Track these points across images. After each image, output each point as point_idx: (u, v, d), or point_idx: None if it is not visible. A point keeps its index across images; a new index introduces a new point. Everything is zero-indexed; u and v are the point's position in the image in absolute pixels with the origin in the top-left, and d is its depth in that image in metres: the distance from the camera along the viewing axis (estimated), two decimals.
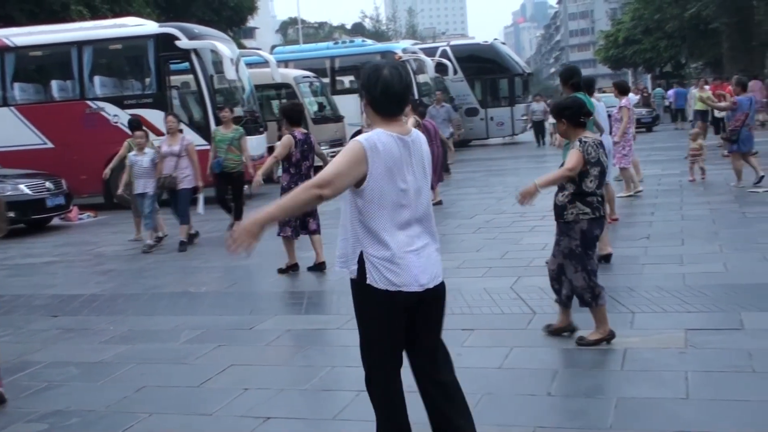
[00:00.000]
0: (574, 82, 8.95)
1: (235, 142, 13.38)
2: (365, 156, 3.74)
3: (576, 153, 6.18)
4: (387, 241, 3.81)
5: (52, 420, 5.48)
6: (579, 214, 6.22)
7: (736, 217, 11.44)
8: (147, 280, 10.24)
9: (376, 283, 3.82)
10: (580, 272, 6.24)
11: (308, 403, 5.52)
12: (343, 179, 3.74)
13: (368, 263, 3.83)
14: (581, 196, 6.23)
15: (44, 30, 20.52)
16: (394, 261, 3.82)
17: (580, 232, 6.23)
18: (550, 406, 5.13)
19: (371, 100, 3.88)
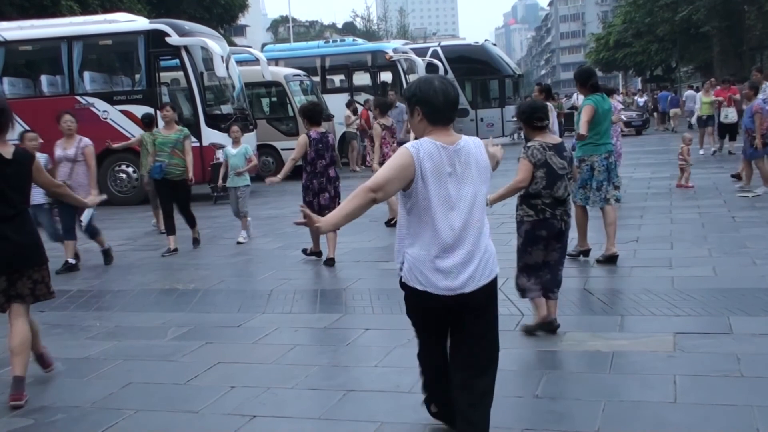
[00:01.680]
0: (593, 83, 9.28)
1: (179, 145, 11.70)
2: (412, 162, 3.98)
3: (523, 163, 6.54)
4: (426, 243, 4.04)
5: (37, 416, 5.45)
6: (524, 216, 6.61)
7: (726, 222, 11.46)
8: (135, 276, 10.20)
9: (409, 282, 4.11)
10: (518, 265, 6.73)
11: (294, 402, 5.49)
12: (393, 183, 4.00)
13: (407, 263, 4.10)
14: (527, 198, 6.59)
15: (34, 24, 20.44)
16: (425, 262, 4.04)
17: (524, 232, 6.62)
18: (538, 409, 5.12)
19: (426, 111, 4.09)
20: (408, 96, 4.17)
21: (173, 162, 11.59)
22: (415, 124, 4.16)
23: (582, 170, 9.18)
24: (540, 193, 6.50)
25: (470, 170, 4.09)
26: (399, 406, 4.88)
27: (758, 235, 10.25)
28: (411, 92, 4.16)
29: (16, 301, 5.84)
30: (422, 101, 4.10)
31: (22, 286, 5.83)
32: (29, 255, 5.87)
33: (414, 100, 4.12)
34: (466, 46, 36.60)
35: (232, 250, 11.66)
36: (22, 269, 5.82)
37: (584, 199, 9.27)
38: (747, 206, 12.72)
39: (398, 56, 28.56)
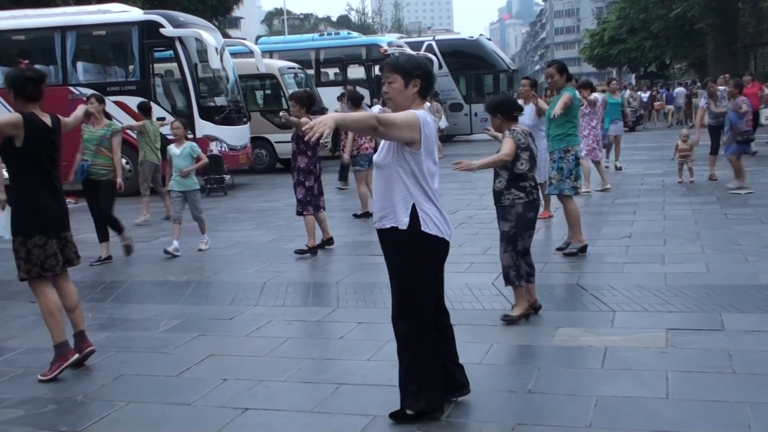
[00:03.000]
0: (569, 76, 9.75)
1: (105, 143, 10.55)
2: (419, 125, 4.49)
3: (509, 141, 6.74)
4: (433, 199, 4.65)
5: (28, 407, 5.43)
6: (515, 199, 6.80)
7: (718, 219, 11.48)
8: (128, 267, 10.18)
9: (430, 230, 4.61)
10: (509, 252, 6.85)
11: (287, 395, 5.49)
12: (396, 132, 4.46)
13: (422, 214, 4.59)
14: (515, 181, 6.78)
15: (28, 14, 20.38)
16: (440, 215, 4.68)
17: (516, 215, 6.80)
18: (530, 404, 5.12)
19: (425, 86, 4.65)
20: (411, 68, 4.61)
21: (98, 161, 10.46)
22: (407, 95, 4.62)
23: (568, 160, 9.35)
24: (526, 175, 6.79)
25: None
26: (391, 400, 4.87)
27: (751, 232, 10.27)
28: (417, 65, 4.66)
29: (66, 267, 6.25)
30: (426, 76, 4.64)
31: (68, 251, 6.23)
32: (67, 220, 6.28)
33: (418, 72, 4.61)
34: (461, 41, 36.61)
35: (224, 243, 11.64)
36: (67, 234, 6.23)
37: (572, 189, 9.39)
38: (740, 203, 12.74)
39: (393, 50, 28.49)
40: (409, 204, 4.58)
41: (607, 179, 15.29)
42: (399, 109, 4.60)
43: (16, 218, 6.02)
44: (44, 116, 6.13)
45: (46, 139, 6.04)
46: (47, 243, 5.98)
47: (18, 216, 6.01)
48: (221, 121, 18.98)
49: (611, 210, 12.84)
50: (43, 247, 5.96)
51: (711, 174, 15.76)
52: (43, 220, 5.98)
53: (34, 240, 5.93)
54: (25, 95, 6.09)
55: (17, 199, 6.05)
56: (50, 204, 6.02)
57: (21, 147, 5.90)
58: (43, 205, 5.98)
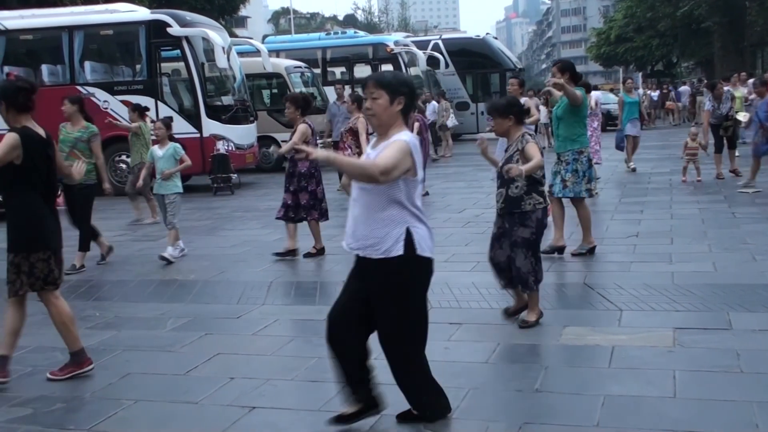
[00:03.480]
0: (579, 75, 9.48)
1: (80, 145, 10.17)
2: (411, 152, 4.38)
3: (535, 146, 6.63)
4: (423, 219, 4.53)
5: (36, 405, 5.45)
6: (536, 204, 6.66)
7: (726, 217, 11.46)
8: (134, 266, 10.19)
9: (424, 252, 4.47)
10: (529, 258, 6.65)
11: (294, 394, 5.50)
12: (396, 172, 4.31)
13: (417, 236, 4.44)
14: (534, 186, 6.67)
15: (35, 14, 20.41)
16: (429, 234, 4.54)
17: (536, 221, 6.67)
18: (537, 403, 5.12)
19: (408, 104, 4.52)
20: (397, 85, 4.48)
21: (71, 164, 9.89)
22: (392, 112, 4.47)
23: (582, 162, 9.20)
24: (542, 180, 6.79)
25: None
26: (398, 399, 4.87)
27: (758, 231, 10.25)
28: (403, 82, 4.56)
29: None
30: (411, 94, 4.54)
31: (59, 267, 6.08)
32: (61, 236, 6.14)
33: (404, 90, 4.49)
34: (468, 40, 36.59)
35: (231, 242, 11.66)
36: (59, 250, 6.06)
37: (586, 192, 9.33)
38: (747, 202, 12.72)
39: (399, 49, 28.54)
40: (402, 228, 4.41)
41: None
42: (381, 127, 4.48)
43: (17, 233, 5.88)
44: (38, 128, 5.95)
45: (43, 153, 5.90)
46: (50, 257, 5.89)
47: (20, 231, 5.87)
48: (228, 120, 19.00)
49: (618, 209, 12.83)
50: (47, 261, 5.87)
51: (718, 173, 15.71)
52: (47, 234, 5.90)
53: (38, 254, 5.84)
54: (17, 106, 5.89)
55: (18, 214, 5.89)
56: (50, 218, 5.95)
57: (20, 164, 5.76)
58: (44, 219, 5.89)
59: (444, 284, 8.12)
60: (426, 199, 15.06)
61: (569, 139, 9.20)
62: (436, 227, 11.64)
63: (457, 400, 5.11)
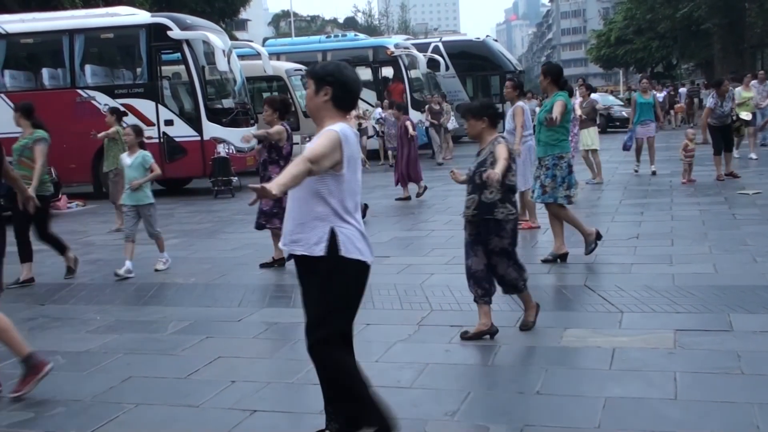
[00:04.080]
0: (564, 81, 9.31)
1: (26, 152, 9.57)
2: (340, 143, 4.16)
3: (504, 147, 6.42)
4: (351, 221, 4.29)
5: (37, 409, 5.45)
6: (508, 214, 6.44)
7: (726, 219, 11.46)
8: (135, 270, 10.17)
9: (350, 254, 4.24)
10: (512, 266, 6.53)
11: (295, 397, 5.50)
12: (326, 160, 4.12)
13: (341, 237, 4.22)
14: (507, 194, 6.46)
15: (36, 17, 20.46)
16: (361, 237, 4.32)
17: (511, 231, 6.48)
18: (538, 405, 5.12)
19: (337, 94, 4.26)
20: (323, 74, 4.27)
21: (21, 173, 8.68)
22: (317, 102, 4.27)
23: (561, 167, 9.07)
24: (514, 188, 6.59)
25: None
26: (399, 402, 4.88)
27: (759, 232, 10.25)
28: (328, 71, 4.28)
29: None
30: (338, 83, 4.25)
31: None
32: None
33: (330, 79, 4.24)
34: (468, 42, 36.62)
35: (232, 245, 11.66)
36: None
37: (565, 198, 9.12)
38: (748, 204, 12.71)
39: (399, 52, 28.55)
40: (326, 227, 4.22)
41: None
42: (314, 118, 4.36)
43: None
44: None
45: None
46: None
47: None
48: (228, 123, 19.02)
49: (619, 210, 12.83)
50: None
51: (719, 175, 15.70)
52: None
53: None
54: None
55: None
56: None
57: None
58: None
59: (445, 287, 8.14)
60: (427, 201, 15.10)
61: (549, 144, 9.10)
62: (436, 230, 11.70)
63: (457, 403, 5.12)
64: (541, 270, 8.87)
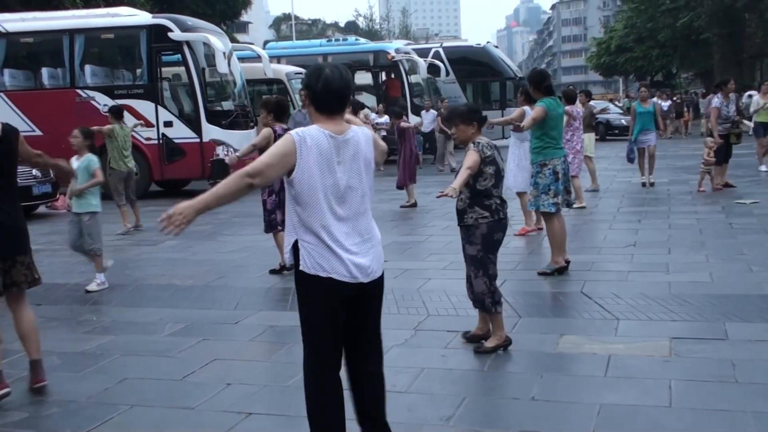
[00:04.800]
0: (547, 86, 9.12)
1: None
2: (295, 148, 3.93)
3: (473, 153, 6.18)
4: (318, 231, 3.99)
5: (32, 409, 5.45)
6: (478, 218, 6.23)
7: (723, 228, 11.47)
8: (132, 271, 10.20)
9: (308, 269, 4.00)
10: (480, 277, 6.27)
11: (290, 400, 5.49)
12: (273, 169, 3.96)
13: (302, 250, 4.01)
14: (478, 198, 6.22)
15: (37, 17, 20.47)
16: (323, 249, 3.99)
17: (481, 237, 6.25)
18: (534, 411, 5.12)
19: (312, 97, 4.07)
20: (305, 81, 4.14)
21: None
22: (310, 111, 4.12)
23: (544, 175, 8.95)
24: (491, 191, 6.25)
25: (358, 162, 4.11)
26: (395, 406, 4.88)
27: (755, 241, 10.27)
28: (306, 75, 4.15)
29: (13, 290, 5.78)
30: (307, 86, 4.08)
31: (17, 273, 5.75)
32: (23, 241, 5.81)
33: (306, 82, 4.11)
34: (468, 48, 36.67)
35: (230, 247, 11.67)
36: (15, 256, 5.73)
37: (551, 205, 8.95)
38: (745, 213, 12.73)
39: (400, 56, 28.57)
40: (292, 238, 4.07)
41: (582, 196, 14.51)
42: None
43: None
44: None
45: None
46: None
47: None
48: (228, 126, 19.02)
49: (616, 218, 12.84)
50: None
51: (717, 183, 15.71)
52: None
53: None
54: None
55: None
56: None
57: None
58: None
59: (442, 291, 8.15)
60: (425, 206, 15.10)
61: (535, 151, 9.10)
62: (434, 234, 11.71)
63: (453, 408, 5.12)
64: (538, 276, 8.87)
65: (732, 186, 15.66)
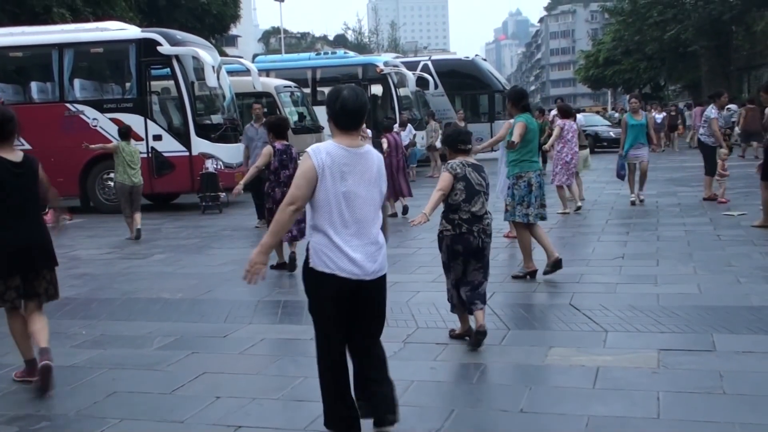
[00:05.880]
0: (524, 105, 9.67)
1: None
2: (313, 166, 4.43)
3: (444, 174, 6.82)
4: (328, 233, 4.47)
5: (21, 423, 5.43)
6: (443, 230, 6.84)
7: (711, 240, 11.53)
8: (122, 284, 10.18)
9: (316, 266, 4.50)
10: (448, 281, 6.98)
11: (280, 413, 5.51)
12: (306, 191, 4.46)
13: (312, 249, 4.52)
14: (447, 212, 6.82)
15: (25, 31, 20.42)
16: (331, 249, 4.47)
17: (446, 247, 6.84)
18: (522, 423, 5.14)
19: (331, 115, 4.58)
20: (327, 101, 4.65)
21: None
22: (330, 128, 4.63)
23: (519, 187, 9.36)
24: (459, 206, 6.73)
25: (370, 173, 4.59)
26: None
27: (743, 253, 10.32)
28: (326, 99, 4.68)
29: (33, 299, 6.18)
30: (328, 105, 4.60)
31: (38, 285, 6.16)
32: (46, 256, 6.22)
33: (326, 103, 4.66)
34: (457, 61, 36.74)
35: (219, 260, 11.66)
36: (39, 269, 6.17)
37: (524, 216, 9.33)
38: (732, 225, 12.79)
39: (389, 69, 28.63)
40: (309, 239, 4.59)
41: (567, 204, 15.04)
42: None
43: None
44: (11, 153, 6.01)
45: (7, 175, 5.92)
46: (7, 278, 5.99)
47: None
48: (217, 139, 19.02)
49: (605, 230, 12.89)
50: (4, 280, 5.99)
51: (710, 195, 15.75)
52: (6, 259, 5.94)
53: None
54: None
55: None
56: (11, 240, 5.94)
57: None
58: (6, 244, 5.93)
59: (431, 304, 8.16)
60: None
61: (511, 164, 9.54)
62: (424, 247, 11.73)
63: (441, 420, 5.13)
64: (527, 288, 8.92)
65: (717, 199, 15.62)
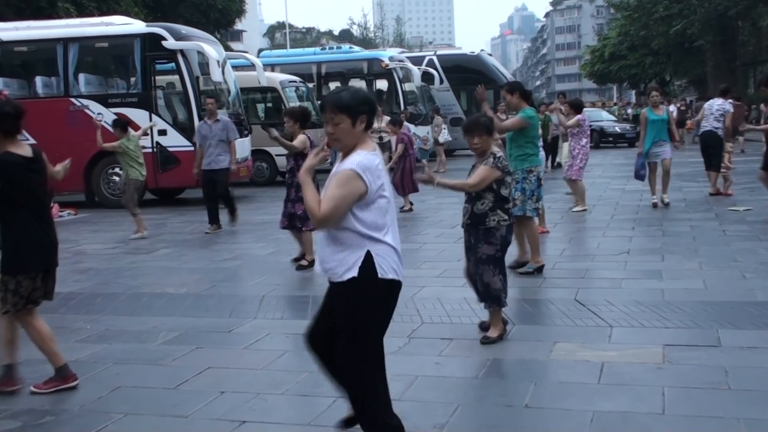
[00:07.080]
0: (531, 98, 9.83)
1: None
2: (360, 176, 4.14)
3: (489, 170, 6.68)
4: (388, 241, 4.28)
5: (25, 418, 5.44)
6: (500, 221, 6.72)
7: (717, 235, 11.50)
8: (126, 279, 10.19)
9: (386, 274, 4.24)
10: (497, 275, 6.74)
11: (285, 408, 5.50)
12: (340, 213, 4.17)
13: (378, 258, 4.22)
14: (501, 203, 6.74)
15: (30, 26, 20.43)
16: (395, 257, 4.30)
17: (501, 238, 6.75)
18: (527, 418, 5.14)
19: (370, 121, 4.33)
20: (358, 104, 4.25)
21: None
22: (356, 133, 4.26)
23: (530, 181, 9.35)
24: (509, 197, 6.90)
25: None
26: None
27: (748, 248, 10.29)
28: (362, 100, 4.30)
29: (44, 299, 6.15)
30: (371, 110, 4.33)
31: (47, 284, 6.10)
32: (57, 253, 6.17)
33: (365, 108, 4.27)
34: (462, 56, 36.67)
35: (223, 255, 11.66)
36: (52, 268, 6.12)
37: (534, 211, 9.40)
38: (738, 220, 12.76)
39: (394, 64, 28.60)
40: (360, 253, 4.21)
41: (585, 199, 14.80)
42: (346, 149, 4.28)
43: (5, 255, 5.85)
44: (22, 148, 5.91)
45: (26, 173, 5.86)
46: (37, 276, 5.93)
47: (8, 253, 5.84)
48: None
49: (610, 226, 12.86)
50: (33, 279, 5.90)
51: (716, 190, 15.73)
52: (35, 255, 5.89)
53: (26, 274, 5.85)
54: (1, 131, 5.83)
55: (6, 234, 5.86)
56: (42, 236, 5.93)
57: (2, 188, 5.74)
58: (34, 240, 5.87)
59: (436, 299, 8.15)
60: (419, 214, 15.11)
61: (519, 158, 9.43)
62: (428, 242, 11.72)
63: (446, 416, 5.13)
64: (532, 284, 8.90)
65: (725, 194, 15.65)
